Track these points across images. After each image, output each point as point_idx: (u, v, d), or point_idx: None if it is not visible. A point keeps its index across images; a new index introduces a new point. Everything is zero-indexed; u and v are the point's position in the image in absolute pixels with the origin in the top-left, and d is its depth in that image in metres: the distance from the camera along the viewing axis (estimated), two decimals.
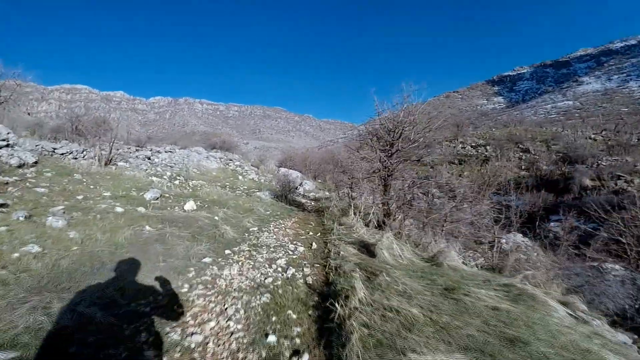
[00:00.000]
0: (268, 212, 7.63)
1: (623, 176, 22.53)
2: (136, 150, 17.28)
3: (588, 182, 23.96)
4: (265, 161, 19.19)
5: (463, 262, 5.10)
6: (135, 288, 3.04)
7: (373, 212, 6.56)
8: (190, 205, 6.94)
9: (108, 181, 8.83)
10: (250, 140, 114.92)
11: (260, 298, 3.15)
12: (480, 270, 5.24)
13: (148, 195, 7.56)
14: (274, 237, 5.50)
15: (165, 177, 11.48)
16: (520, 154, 34.66)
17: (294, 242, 5.22)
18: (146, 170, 12.04)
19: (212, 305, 2.97)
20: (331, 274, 3.71)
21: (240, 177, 14.32)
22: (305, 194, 14.60)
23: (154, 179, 10.18)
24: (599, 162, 26.78)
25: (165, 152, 17.83)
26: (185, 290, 3.19)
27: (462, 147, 42.39)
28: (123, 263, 3.49)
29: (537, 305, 3.14)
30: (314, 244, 5.13)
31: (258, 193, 10.18)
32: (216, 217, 6.21)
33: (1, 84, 16.39)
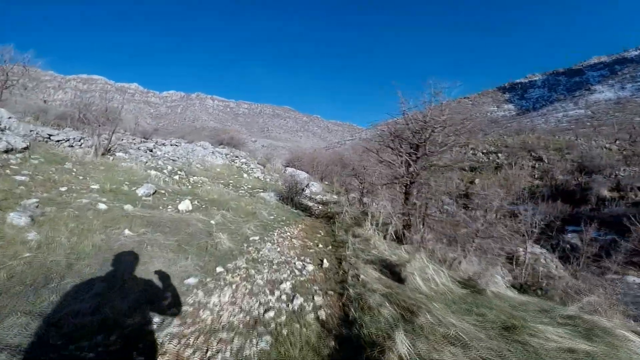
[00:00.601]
0: (272, 217, 6.80)
1: None
2: (141, 141, 16.68)
3: (606, 193, 22.78)
4: (272, 160, 18.42)
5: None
6: (80, 322, 2.21)
7: (392, 223, 5.70)
8: (185, 205, 6.15)
9: (100, 172, 8.11)
10: (258, 138, 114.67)
11: (257, 343, 2.31)
12: (524, 294, 4.37)
13: (141, 191, 6.80)
14: (278, 249, 4.65)
15: (165, 171, 10.75)
16: (534, 162, 33.43)
17: (302, 258, 4.36)
18: (146, 162, 11.33)
19: (188, 352, 2.14)
20: (351, 308, 2.84)
21: (245, 175, 13.55)
22: (312, 197, 13.78)
23: (152, 172, 9.44)
24: (617, 172, 25.55)
25: (171, 145, 17.18)
26: (154, 326, 2.35)
27: (473, 154, 41.11)
28: (75, 281, 2.68)
29: (616, 341, 2.37)
30: (325, 260, 4.28)
31: (262, 194, 9.38)
32: (212, 222, 5.40)
33: (8, 68, 15.93)
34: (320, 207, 10.44)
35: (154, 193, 7.02)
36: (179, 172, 11.03)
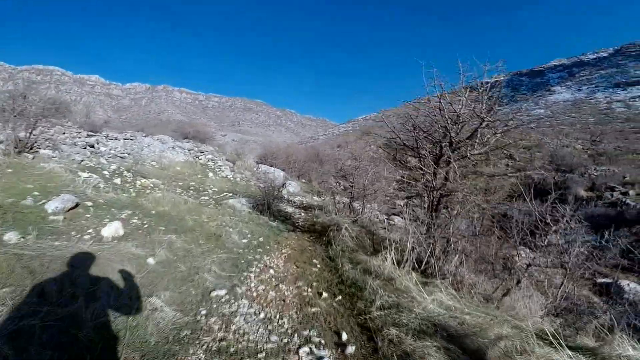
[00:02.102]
0: (245, 240, 4.91)
1: (617, 187, 21.55)
2: (88, 135, 14.03)
3: (583, 193, 22.90)
4: (243, 156, 16.29)
5: None
6: None
7: (413, 249, 4.11)
8: (112, 228, 4.14)
9: (4, 177, 5.90)
10: (228, 132, 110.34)
11: None
12: None
13: (52, 206, 4.67)
14: (262, 314, 2.79)
15: (105, 172, 8.51)
16: (506, 159, 33.57)
17: (304, 333, 2.52)
18: (81, 161, 8.99)
19: None
20: None
21: (210, 175, 11.44)
22: (291, 199, 11.96)
23: (83, 175, 7.21)
24: (589, 171, 25.95)
25: (124, 139, 14.65)
26: None
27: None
28: None
29: None
30: (344, 335, 2.53)
31: (232, 201, 7.43)
32: (151, 260, 3.48)
33: None
34: (302, 213, 8.67)
35: (73, 207, 4.92)
36: (124, 173, 8.81)
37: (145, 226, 4.81)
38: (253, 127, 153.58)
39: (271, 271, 3.91)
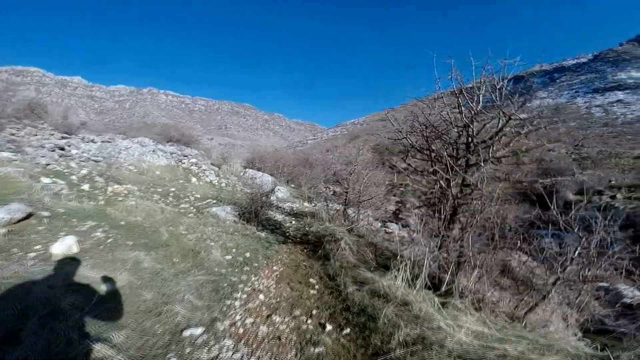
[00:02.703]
0: (229, 257, 4.19)
1: (604, 191, 21.72)
2: (62, 138, 13.00)
3: (572, 197, 23.02)
4: (229, 160, 15.48)
5: None
6: None
7: (426, 265, 3.51)
8: (64, 246, 3.38)
9: None
10: (215, 136, 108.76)
11: None
12: None
13: None
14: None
15: (74, 176, 7.65)
16: (490, 164, 33.62)
17: None
18: (46, 165, 8.10)
19: None
20: None
21: (193, 180, 10.64)
22: (280, 205, 11.27)
23: (45, 180, 6.38)
24: (578, 176, 26.20)
25: (102, 142, 13.67)
26: None
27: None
28: None
29: None
30: None
31: (215, 209, 6.68)
32: (105, 287, 2.76)
33: None
34: (293, 221, 7.99)
35: (23, 219, 4.14)
36: (96, 179, 7.96)
37: (110, 241, 4.06)
38: (240, 130, 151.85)
39: (261, 296, 3.23)
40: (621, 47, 76.00)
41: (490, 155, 3.55)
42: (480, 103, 3.83)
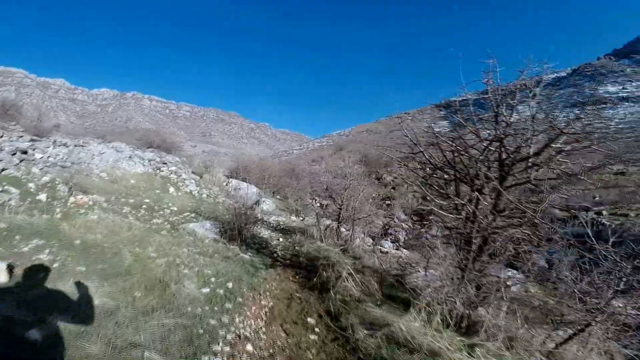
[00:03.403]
0: (206, 290, 3.39)
1: (590, 207, 22.01)
2: (31, 140, 11.84)
3: (558, 213, 23.21)
4: (212, 169, 14.56)
5: None
6: None
7: (446, 300, 2.88)
8: None
9: None
10: (199, 143, 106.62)
11: None
12: None
13: None
14: None
15: (32, 184, 6.72)
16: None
17: None
18: (1, 170, 7.11)
19: None
20: None
21: (171, 190, 9.74)
22: (266, 218, 10.49)
23: None
24: (562, 191, 26.59)
25: (76, 145, 12.57)
26: None
27: (420, 168, 41.14)
28: None
29: None
30: None
31: (192, 225, 5.86)
32: (32, 333, 1.99)
33: None
34: (281, 239, 7.25)
35: None
36: (58, 187, 7.01)
37: (56, 265, 3.25)
38: (225, 138, 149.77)
39: (248, 347, 2.50)
40: (598, 61, 79.18)
41: (533, 176, 3.01)
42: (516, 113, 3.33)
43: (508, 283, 3.23)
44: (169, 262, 3.87)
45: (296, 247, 6.20)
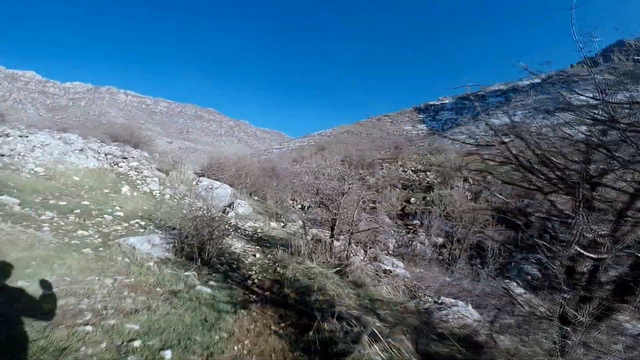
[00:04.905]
0: None
1: (570, 214, 21.77)
2: None
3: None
4: (180, 165, 12.71)
5: None
6: None
7: None
8: None
9: None
10: (175, 139, 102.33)
11: None
12: None
13: None
14: None
15: None
16: (464, 183, 33.46)
17: None
18: None
19: None
20: None
21: (124, 189, 7.97)
22: (240, 224, 8.91)
23: None
24: (546, 198, 26.46)
25: (20, 136, 10.55)
26: None
27: (402, 171, 40.52)
28: None
29: None
30: None
31: (134, 239, 4.21)
32: None
33: None
34: (258, 254, 5.74)
35: None
36: None
37: None
38: (203, 135, 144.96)
39: None
40: (571, 68, 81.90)
41: None
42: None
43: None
44: (64, 311, 2.29)
45: (278, 269, 4.70)
